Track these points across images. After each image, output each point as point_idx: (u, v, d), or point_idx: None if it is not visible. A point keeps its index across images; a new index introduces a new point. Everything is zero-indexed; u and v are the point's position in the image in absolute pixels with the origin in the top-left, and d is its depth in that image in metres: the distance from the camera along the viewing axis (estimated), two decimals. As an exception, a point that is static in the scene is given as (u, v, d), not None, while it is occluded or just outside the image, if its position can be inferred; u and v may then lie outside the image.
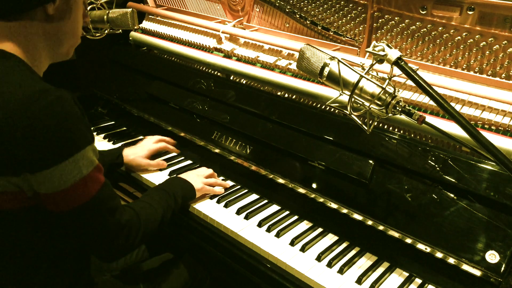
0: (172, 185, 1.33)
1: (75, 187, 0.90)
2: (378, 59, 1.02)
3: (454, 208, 1.13)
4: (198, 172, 1.48)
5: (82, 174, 0.91)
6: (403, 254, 1.20)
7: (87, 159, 0.92)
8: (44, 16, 0.94)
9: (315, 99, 1.53)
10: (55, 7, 0.95)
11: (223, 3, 1.92)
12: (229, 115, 1.61)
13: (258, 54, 1.70)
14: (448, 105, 0.94)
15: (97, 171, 0.95)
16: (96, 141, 1.80)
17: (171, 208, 1.24)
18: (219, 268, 1.38)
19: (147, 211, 1.14)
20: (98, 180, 0.96)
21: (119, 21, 1.67)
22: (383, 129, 1.38)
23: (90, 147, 0.93)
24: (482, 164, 1.13)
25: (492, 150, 0.90)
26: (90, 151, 0.93)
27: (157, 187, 1.32)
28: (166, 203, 1.23)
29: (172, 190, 1.29)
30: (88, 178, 0.92)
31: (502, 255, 1.03)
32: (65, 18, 0.98)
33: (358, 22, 1.53)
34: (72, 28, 1.01)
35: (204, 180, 1.43)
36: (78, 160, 0.89)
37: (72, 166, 0.89)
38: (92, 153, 0.94)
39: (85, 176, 0.91)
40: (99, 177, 0.96)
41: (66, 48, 1.03)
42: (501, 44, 1.24)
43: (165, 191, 1.27)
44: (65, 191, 0.89)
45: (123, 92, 1.99)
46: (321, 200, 1.36)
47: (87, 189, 0.93)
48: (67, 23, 0.99)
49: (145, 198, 1.23)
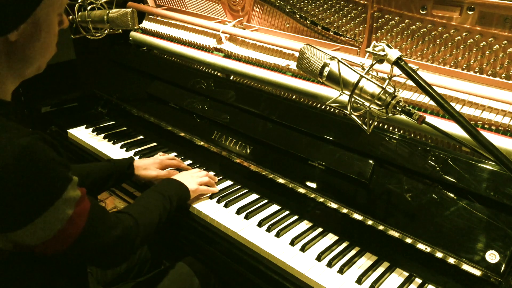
0: (167, 188, 1.33)
1: (63, 230, 0.87)
2: (378, 59, 1.02)
3: (454, 208, 1.13)
4: (192, 173, 1.47)
5: (67, 216, 0.87)
6: (403, 254, 1.20)
7: (69, 200, 0.87)
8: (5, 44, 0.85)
9: (315, 99, 1.53)
10: (19, 33, 0.85)
11: (223, 3, 1.92)
12: (229, 115, 1.61)
13: (258, 54, 1.70)
14: (448, 105, 0.94)
15: (81, 201, 0.90)
16: (96, 141, 1.82)
17: (166, 210, 1.24)
18: (219, 268, 1.38)
19: (144, 214, 1.14)
20: (84, 210, 0.91)
21: (119, 21, 1.67)
22: (383, 129, 1.38)
23: (71, 185, 0.87)
24: (482, 164, 1.13)
25: (492, 150, 0.90)
26: (71, 190, 0.87)
27: (152, 190, 1.31)
28: (162, 205, 1.23)
29: (167, 193, 1.28)
30: (75, 216, 0.88)
31: (502, 255, 1.03)
32: (34, 41, 0.88)
33: (358, 22, 1.53)
34: (42, 48, 0.91)
35: (198, 180, 1.43)
36: (60, 206, 0.85)
37: (56, 214, 0.84)
38: (73, 190, 0.88)
39: (71, 215, 0.87)
40: (85, 206, 0.91)
41: (37, 65, 0.94)
42: (501, 44, 1.24)
43: (160, 194, 1.27)
44: (55, 237, 0.86)
45: (123, 92, 1.99)
46: (321, 200, 1.36)
47: (76, 225, 0.89)
48: (36, 45, 0.89)
49: (142, 202, 1.22)
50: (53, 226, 0.85)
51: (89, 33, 1.75)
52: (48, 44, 0.92)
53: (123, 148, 1.76)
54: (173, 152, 1.74)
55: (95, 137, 1.86)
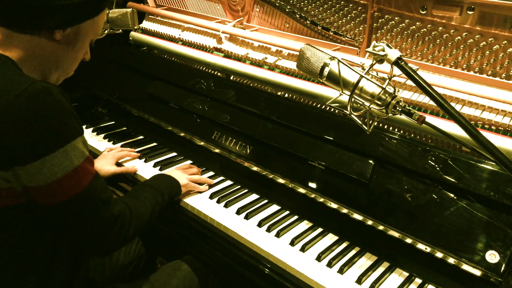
0: (158, 182, 1.34)
1: (67, 177, 0.90)
2: (378, 59, 1.02)
3: (454, 208, 1.13)
4: (182, 167, 1.50)
5: (74, 165, 0.90)
6: (403, 254, 1.20)
7: (77, 150, 0.91)
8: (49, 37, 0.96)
9: (315, 99, 1.53)
10: (63, 35, 0.97)
11: (223, 3, 1.92)
12: (229, 115, 1.61)
13: (258, 54, 1.70)
14: (448, 105, 0.94)
15: (88, 162, 0.95)
16: (96, 141, 1.82)
17: (159, 204, 1.25)
18: (219, 268, 1.38)
19: (137, 205, 1.15)
20: (90, 172, 0.96)
21: (119, 21, 1.67)
22: (383, 129, 1.38)
23: (80, 139, 0.93)
24: (482, 164, 1.13)
25: (492, 150, 0.90)
26: (80, 143, 0.93)
27: (143, 183, 1.33)
28: (154, 198, 1.24)
29: (158, 186, 1.30)
30: (80, 169, 0.92)
31: (502, 255, 1.03)
32: (70, 46, 1.00)
33: (358, 22, 1.53)
34: (71, 58, 1.02)
35: (189, 176, 1.45)
36: (68, 151, 0.89)
37: (63, 157, 0.89)
38: (82, 145, 0.94)
39: (77, 167, 0.91)
40: (91, 169, 0.96)
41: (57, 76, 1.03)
42: (501, 44, 1.24)
43: (152, 187, 1.28)
44: (57, 182, 0.89)
45: (123, 92, 1.99)
46: (321, 200, 1.36)
47: (79, 180, 0.93)
48: (70, 51, 1.01)
49: (134, 194, 1.24)
50: (59, 168, 0.89)
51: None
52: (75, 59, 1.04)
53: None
54: (173, 152, 1.74)
55: (95, 137, 1.86)
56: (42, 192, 0.90)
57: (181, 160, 1.68)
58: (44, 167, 0.87)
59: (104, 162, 1.57)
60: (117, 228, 1.03)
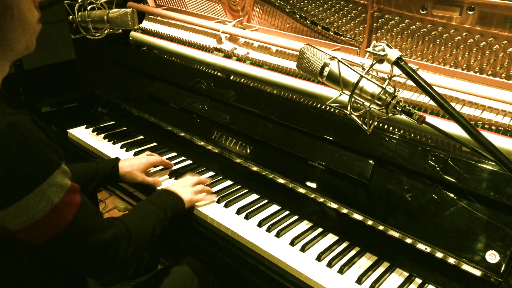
0: (161, 199, 1.30)
1: (48, 217, 0.84)
2: (378, 59, 1.02)
3: (454, 208, 1.13)
4: (185, 181, 1.43)
5: (53, 203, 0.84)
6: (403, 254, 1.20)
7: (56, 185, 0.84)
8: None
9: (315, 99, 1.53)
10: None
11: (223, 3, 1.92)
12: (229, 115, 1.61)
13: (258, 54, 1.70)
14: (448, 105, 0.94)
15: (71, 193, 0.88)
16: (96, 141, 1.82)
17: (161, 221, 1.21)
18: (219, 268, 1.38)
19: (137, 224, 1.11)
20: (74, 203, 0.88)
21: (119, 21, 1.67)
22: (383, 129, 1.38)
23: (59, 171, 0.85)
24: (482, 164, 1.13)
25: (492, 150, 0.89)
26: (59, 176, 0.85)
27: (146, 201, 1.29)
28: (157, 216, 1.20)
29: (162, 204, 1.26)
30: (62, 205, 0.85)
31: (502, 255, 1.03)
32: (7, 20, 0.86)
33: (358, 22, 1.53)
34: (19, 24, 0.89)
35: (192, 189, 1.40)
36: (45, 190, 0.82)
37: (40, 198, 0.82)
38: (61, 177, 0.86)
39: (58, 203, 0.84)
40: (74, 199, 0.89)
41: (23, 44, 0.91)
42: (501, 44, 1.24)
43: (155, 205, 1.25)
44: (38, 223, 0.83)
45: (123, 92, 1.99)
46: (321, 200, 1.36)
47: (62, 216, 0.86)
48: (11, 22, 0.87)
49: (135, 212, 1.20)
50: (37, 210, 0.82)
51: (89, 33, 1.75)
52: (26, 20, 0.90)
53: (123, 148, 1.76)
54: (173, 152, 1.74)
55: (95, 137, 1.86)
56: (23, 233, 0.84)
57: (182, 161, 1.68)
58: (20, 211, 0.80)
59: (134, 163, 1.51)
60: (112, 251, 0.98)
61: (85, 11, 1.70)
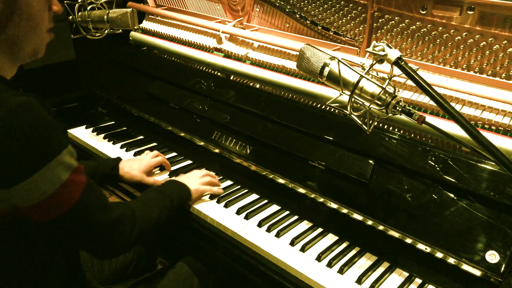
0: (167, 187, 1.33)
1: (56, 194, 0.86)
2: (378, 59, 1.02)
3: (454, 208, 1.13)
4: (192, 173, 1.47)
5: (61, 180, 0.86)
6: (403, 254, 1.20)
7: (64, 164, 0.87)
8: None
9: (315, 99, 1.53)
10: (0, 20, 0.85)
11: (223, 3, 1.92)
12: (229, 115, 1.61)
13: (258, 54, 1.70)
14: (448, 105, 0.94)
15: (77, 173, 0.90)
16: (96, 141, 1.82)
17: (167, 208, 1.23)
18: (219, 268, 1.38)
19: (142, 208, 1.14)
20: (80, 182, 0.91)
21: (119, 21, 1.67)
22: (383, 129, 1.38)
23: (66, 151, 0.88)
24: (482, 164, 1.13)
25: (492, 150, 0.89)
26: (66, 155, 0.87)
27: (152, 189, 1.31)
28: (162, 202, 1.23)
29: (167, 191, 1.28)
30: (69, 183, 0.88)
31: (502, 255, 1.03)
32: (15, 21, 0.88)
33: (358, 22, 1.53)
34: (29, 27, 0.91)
35: (200, 181, 1.43)
36: (54, 167, 0.84)
37: (49, 175, 0.84)
38: (69, 157, 0.88)
39: (65, 181, 0.87)
40: (81, 179, 0.91)
41: (31, 48, 0.94)
42: (501, 44, 1.24)
43: (161, 192, 1.27)
44: (47, 200, 0.85)
45: (123, 92, 1.99)
46: (321, 200, 1.36)
47: (70, 194, 0.89)
48: (20, 25, 0.89)
49: (141, 198, 1.23)
50: (46, 187, 0.84)
51: (89, 33, 1.75)
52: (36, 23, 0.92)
53: (123, 148, 1.76)
54: (173, 152, 1.74)
55: (95, 137, 1.86)
56: (32, 211, 0.86)
57: (181, 160, 1.68)
58: (30, 187, 0.83)
59: (134, 165, 1.52)
60: (118, 232, 1.01)
61: (85, 11, 1.70)
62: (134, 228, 1.05)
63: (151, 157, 1.57)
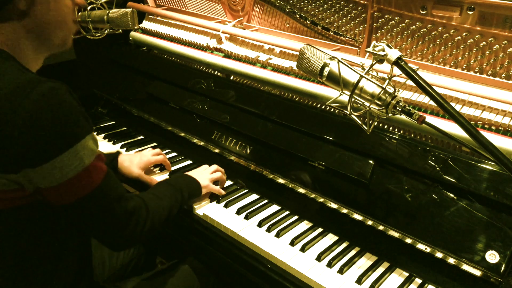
0: (178, 181, 1.34)
1: (78, 177, 0.89)
2: (378, 59, 1.01)
3: (454, 208, 1.13)
4: (202, 169, 1.47)
5: (84, 164, 0.89)
6: (403, 254, 1.20)
7: (87, 149, 0.90)
8: (18, 13, 0.90)
9: (315, 99, 1.53)
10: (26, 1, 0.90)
11: (223, 3, 1.92)
12: (229, 115, 1.61)
13: (258, 54, 1.70)
14: (448, 105, 0.94)
15: (99, 160, 0.94)
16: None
17: (178, 202, 1.24)
18: (219, 268, 1.38)
19: (155, 201, 1.14)
20: (101, 169, 0.94)
21: (119, 21, 1.67)
22: (383, 129, 1.38)
23: (90, 137, 0.92)
24: (482, 164, 1.13)
25: (492, 150, 0.90)
26: (90, 140, 0.91)
27: (163, 182, 1.32)
28: (174, 196, 1.23)
29: (178, 185, 1.29)
30: (91, 168, 0.91)
31: (502, 255, 1.03)
32: (43, 9, 0.93)
33: (358, 22, 1.53)
34: (56, 16, 0.96)
35: (210, 177, 1.43)
36: (78, 150, 0.88)
37: (73, 157, 0.87)
38: (92, 143, 0.92)
39: (88, 166, 0.90)
40: (102, 166, 0.95)
41: (60, 39, 0.99)
42: (501, 44, 1.24)
43: (172, 186, 1.27)
44: (69, 182, 0.88)
45: (123, 92, 1.99)
46: (321, 200, 1.36)
47: (91, 179, 0.92)
48: (48, 13, 0.94)
49: (153, 191, 1.23)
50: (70, 168, 0.87)
51: (89, 33, 1.75)
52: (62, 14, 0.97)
53: (123, 148, 1.76)
54: (173, 153, 1.74)
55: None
56: (54, 192, 0.89)
57: (181, 160, 1.68)
58: (55, 168, 0.86)
59: (133, 160, 1.52)
60: (133, 223, 1.02)
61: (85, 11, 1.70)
62: (147, 220, 1.07)
63: (152, 154, 1.57)
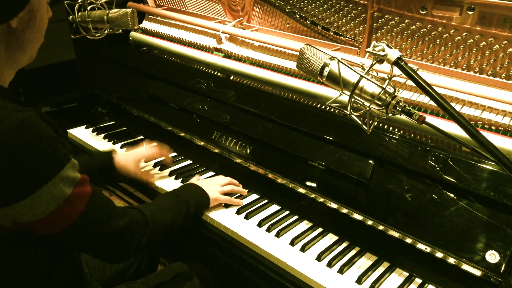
0: (185, 191, 1.31)
1: (61, 208, 0.86)
2: (378, 59, 1.02)
3: (454, 208, 1.13)
4: (214, 180, 1.43)
5: (65, 194, 0.86)
6: (403, 254, 1.20)
7: (67, 178, 0.86)
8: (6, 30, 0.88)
9: (315, 99, 1.53)
10: (19, 20, 0.88)
11: (223, 3, 1.91)
12: (229, 115, 1.61)
13: (258, 54, 1.70)
14: (448, 105, 0.94)
15: (82, 185, 0.90)
16: (96, 141, 1.82)
17: (183, 213, 1.22)
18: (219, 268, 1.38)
19: (156, 213, 1.12)
20: (85, 194, 0.91)
21: (119, 21, 1.67)
22: (383, 129, 1.38)
23: (69, 165, 0.87)
24: (482, 164, 1.13)
25: (492, 150, 0.90)
26: (70, 169, 0.87)
27: (170, 192, 1.30)
28: (178, 207, 1.21)
29: (185, 196, 1.27)
30: (73, 197, 0.87)
31: (502, 255, 1.03)
32: (30, 27, 0.91)
33: (358, 22, 1.53)
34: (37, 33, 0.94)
35: (220, 189, 1.39)
36: (57, 183, 0.84)
37: (53, 190, 0.84)
38: (72, 170, 0.88)
39: (69, 195, 0.87)
40: (85, 190, 0.91)
41: (30, 54, 0.97)
42: (501, 44, 1.24)
43: (178, 196, 1.25)
44: (51, 215, 0.85)
45: (123, 92, 1.99)
46: (321, 200, 1.36)
47: (74, 207, 0.88)
48: (32, 31, 0.93)
49: (156, 201, 1.22)
50: (49, 203, 0.84)
51: (89, 33, 1.75)
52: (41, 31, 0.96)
53: (123, 148, 1.76)
54: (173, 153, 1.74)
55: (95, 137, 1.86)
56: (35, 225, 0.86)
57: (181, 160, 1.68)
58: (34, 204, 0.82)
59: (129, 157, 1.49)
60: (125, 240, 1.00)
61: (85, 11, 1.70)
62: (144, 233, 1.04)
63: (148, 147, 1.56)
